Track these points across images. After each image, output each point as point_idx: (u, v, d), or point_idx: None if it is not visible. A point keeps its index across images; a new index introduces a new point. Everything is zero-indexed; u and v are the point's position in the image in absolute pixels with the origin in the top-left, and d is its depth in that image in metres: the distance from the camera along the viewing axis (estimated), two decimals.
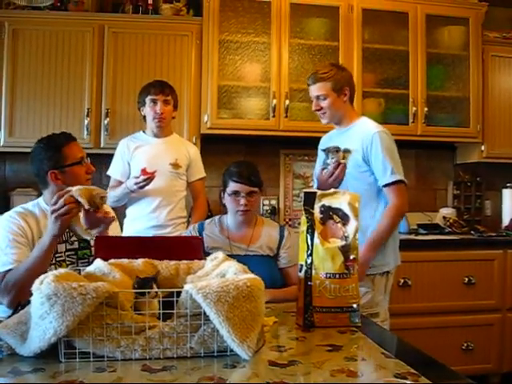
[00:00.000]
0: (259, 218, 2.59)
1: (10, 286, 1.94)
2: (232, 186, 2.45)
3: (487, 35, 4.38)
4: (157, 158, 3.18)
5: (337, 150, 2.55)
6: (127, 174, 3.22)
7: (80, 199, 1.87)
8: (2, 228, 2.10)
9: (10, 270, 1.99)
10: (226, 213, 2.58)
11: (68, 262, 2.14)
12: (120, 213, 3.27)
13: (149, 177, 2.99)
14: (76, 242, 2.16)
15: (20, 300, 1.90)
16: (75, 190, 1.89)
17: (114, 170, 3.27)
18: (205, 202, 3.47)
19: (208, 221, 2.62)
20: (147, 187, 3.05)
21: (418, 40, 4.12)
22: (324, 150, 2.63)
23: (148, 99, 3.17)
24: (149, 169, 3.04)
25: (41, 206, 2.20)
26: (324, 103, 2.75)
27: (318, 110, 2.79)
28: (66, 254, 2.15)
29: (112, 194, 3.17)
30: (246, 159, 4.25)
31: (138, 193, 3.12)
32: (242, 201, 2.42)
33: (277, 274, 2.42)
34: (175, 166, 3.21)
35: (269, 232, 2.50)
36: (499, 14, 4.68)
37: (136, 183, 3.01)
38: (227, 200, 2.49)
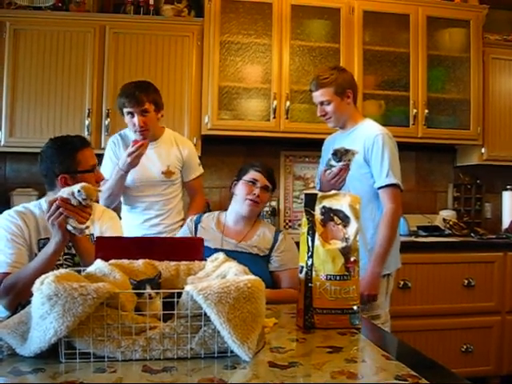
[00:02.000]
0: (257, 220, 2.58)
1: (8, 289, 1.92)
2: (252, 174, 2.47)
3: (488, 37, 4.39)
4: (148, 168, 3.00)
5: (346, 150, 2.52)
6: None
7: (67, 196, 1.86)
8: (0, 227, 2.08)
9: (7, 271, 1.98)
10: (226, 209, 2.59)
11: (65, 266, 2.11)
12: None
13: (141, 144, 2.80)
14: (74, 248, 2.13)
15: (19, 302, 1.90)
16: (62, 191, 1.89)
17: (105, 173, 2.96)
18: (202, 200, 3.32)
19: (207, 214, 2.62)
20: (142, 185, 3.00)
21: (419, 42, 4.12)
22: (334, 154, 2.57)
23: (124, 111, 2.94)
24: (141, 180, 2.99)
25: (42, 206, 2.16)
26: (328, 108, 2.74)
27: (324, 116, 2.78)
28: (64, 257, 2.13)
29: (104, 188, 2.93)
30: (247, 160, 4.25)
31: (133, 195, 3.04)
32: (257, 191, 2.43)
33: (266, 276, 2.35)
34: (167, 173, 3.05)
35: (263, 233, 2.49)
36: (500, 17, 4.68)
37: (129, 154, 2.80)
38: (240, 186, 2.48)
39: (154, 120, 2.98)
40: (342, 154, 2.51)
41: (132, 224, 3.08)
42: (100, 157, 3.53)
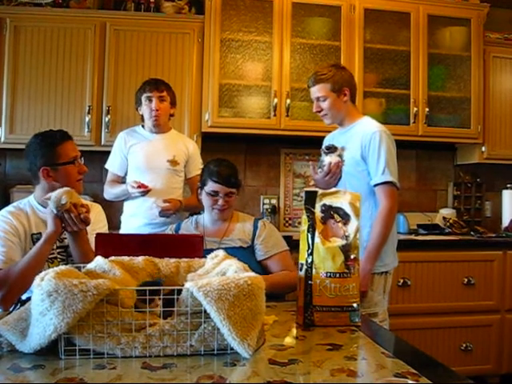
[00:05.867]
0: (235, 213, 2.58)
1: (0, 284, 1.91)
2: (211, 186, 2.45)
3: (489, 36, 4.39)
4: (154, 154, 3.17)
5: (334, 147, 2.61)
6: (125, 168, 3.23)
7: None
8: None
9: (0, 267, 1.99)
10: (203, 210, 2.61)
11: (59, 259, 2.15)
12: (117, 209, 3.29)
13: (143, 190, 3.03)
14: (66, 240, 2.15)
15: (11, 298, 1.90)
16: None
17: (112, 164, 3.27)
18: None
19: (185, 220, 2.66)
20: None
21: (420, 40, 4.12)
22: (323, 150, 2.66)
23: (143, 97, 3.15)
24: (147, 166, 3.13)
25: (31, 203, 2.21)
26: (324, 104, 2.74)
27: (319, 112, 2.79)
28: (57, 251, 2.16)
29: (111, 191, 3.21)
30: (247, 158, 4.26)
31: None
32: (221, 201, 2.44)
33: (254, 266, 2.28)
34: (173, 162, 3.19)
35: (243, 225, 2.50)
36: (501, 15, 4.68)
37: (132, 193, 3.06)
38: (204, 197, 2.50)
39: (167, 112, 3.22)
40: (327, 149, 2.67)
41: (136, 211, 3.17)
42: (101, 153, 3.59)
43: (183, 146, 3.28)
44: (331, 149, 2.71)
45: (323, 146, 2.78)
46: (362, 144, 2.66)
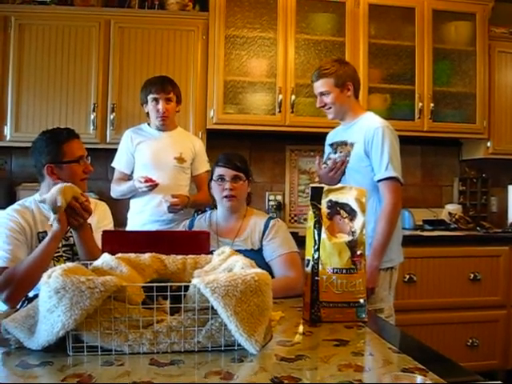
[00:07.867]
0: (249, 210, 2.53)
1: (7, 281, 1.92)
2: (217, 171, 2.44)
3: (494, 31, 4.37)
4: (161, 152, 3.18)
5: (344, 143, 2.60)
6: (131, 166, 3.23)
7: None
8: None
9: (6, 265, 1.99)
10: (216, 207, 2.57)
11: (64, 258, 2.16)
12: (123, 206, 3.29)
13: (151, 184, 3.03)
14: (71, 238, 2.15)
15: (17, 296, 1.91)
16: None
17: (119, 162, 3.27)
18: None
19: (199, 217, 2.62)
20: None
21: (425, 35, 4.10)
22: (331, 145, 2.67)
23: (149, 98, 3.15)
24: (154, 163, 3.14)
25: (37, 201, 2.20)
26: (328, 99, 2.75)
27: (323, 107, 2.80)
28: (63, 249, 2.17)
29: (118, 189, 3.20)
30: (252, 154, 4.26)
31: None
32: (227, 185, 2.39)
33: (264, 268, 2.28)
34: (180, 160, 3.20)
35: (255, 224, 2.43)
36: (506, 10, 4.65)
37: (139, 187, 3.05)
38: (214, 187, 2.47)
39: (174, 111, 3.23)
40: (337, 145, 2.65)
41: (143, 208, 3.18)
42: (106, 151, 3.60)
43: (190, 143, 3.30)
44: (341, 146, 2.71)
45: (333, 142, 2.78)
46: (365, 139, 2.66)
